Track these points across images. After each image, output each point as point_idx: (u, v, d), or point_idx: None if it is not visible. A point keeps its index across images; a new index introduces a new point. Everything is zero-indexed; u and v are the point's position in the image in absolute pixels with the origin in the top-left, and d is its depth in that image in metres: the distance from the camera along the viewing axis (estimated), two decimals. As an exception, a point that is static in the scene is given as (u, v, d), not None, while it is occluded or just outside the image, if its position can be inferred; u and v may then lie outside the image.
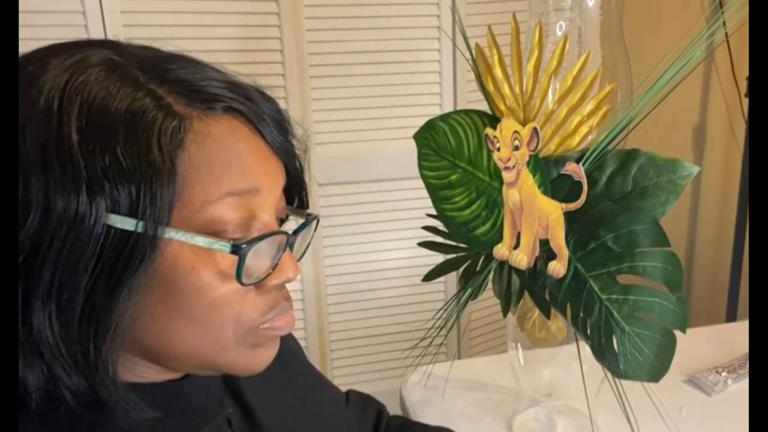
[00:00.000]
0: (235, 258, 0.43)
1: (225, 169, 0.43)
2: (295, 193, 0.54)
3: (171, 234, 0.41)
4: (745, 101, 2.02)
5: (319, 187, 1.65)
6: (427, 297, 1.77)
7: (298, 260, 0.51)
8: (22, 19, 1.29)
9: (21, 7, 1.28)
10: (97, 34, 1.38)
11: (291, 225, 0.51)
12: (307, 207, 0.55)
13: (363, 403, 0.77)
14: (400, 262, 1.75)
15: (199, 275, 0.43)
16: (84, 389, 0.42)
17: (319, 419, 0.66)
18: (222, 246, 0.42)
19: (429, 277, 0.74)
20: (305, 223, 0.50)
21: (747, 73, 1.92)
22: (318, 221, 0.53)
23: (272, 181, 0.47)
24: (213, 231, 0.43)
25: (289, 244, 0.47)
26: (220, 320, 0.45)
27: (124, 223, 0.40)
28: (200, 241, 0.42)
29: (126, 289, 0.40)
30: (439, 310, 0.75)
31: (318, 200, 1.66)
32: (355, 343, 1.79)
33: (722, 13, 0.57)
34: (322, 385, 0.71)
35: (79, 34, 1.38)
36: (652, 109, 0.57)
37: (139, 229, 0.40)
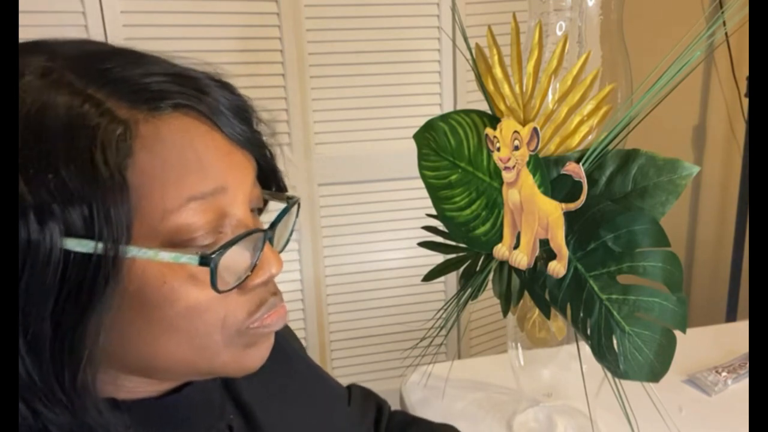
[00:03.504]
0: (187, 261, 0.40)
1: (183, 173, 0.40)
2: (271, 180, 0.50)
3: (134, 252, 0.38)
4: (745, 101, 2.02)
5: (319, 187, 1.65)
6: (427, 297, 1.77)
7: (283, 249, 0.48)
8: (22, 19, 1.29)
9: (21, 7, 1.28)
10: (97, 34, 1.38)
11: (274, 207, 0.48)
12: (286, 190, 0.51)
13: (364, 400, 0.76)
14: (400, 262, 1.75)
15: (172, 288, 0.40)
16: (69, 421, 0.39)
17: (322, 418, 0.65)
18: (189, 259, 0.39)
19: (429, 277, 0.74)
20: (284, 211, 0.47)
21: (747, 73, 1.92)
22: (299, 204, 0.49)
23: (238, 175, 0.43)
24: (181, 240, 0.40)
25: (268, 239, 0.44)
26: (205, 327, 0.42)
27: (82, 245, 0.37)
28: (166, 256, 0.39)
29: (94, 313, 0.38)
30: (439, 310, 0.75)
31: (318, 200, 1.66)
32: (355, 343, 1.79)
33: (722, 13, 0.57)
34: (324, 383, 0.70)
35: (79, 34, 1.38)
36: (652, 109, 0.57)
37: (99, 251, 0.37)
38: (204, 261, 0.40)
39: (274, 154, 0.49)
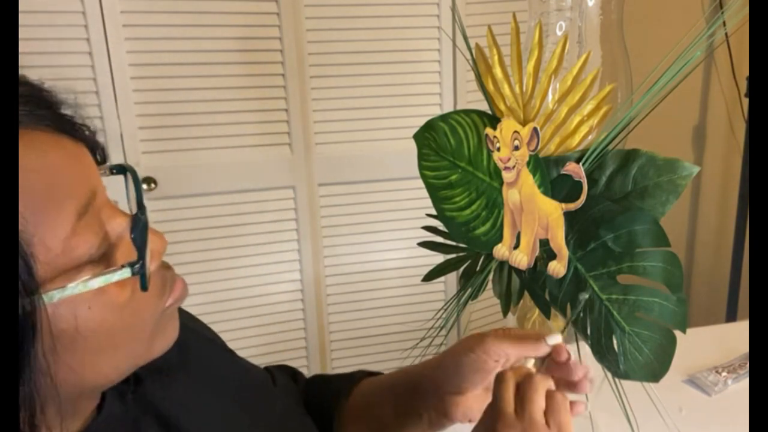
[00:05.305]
0: (121, 277, 0.39)
1: (57, 195, 0.37)
2: (98, 155, 0.45)
3: (56, 296, 0.37)
4: (745, 101, 2.02)
5: (319, 187, 1.65)
6: (427, 297, 1.77)
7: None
8: (22, 19, 1.29)
9: (21, 7, 1.28)
10: (97, 34, 1.38)
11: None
12: (108, 161, 0.47)
13: (283, 374, 0.75)
14: (400, 262, 1.75)
15: (99, 310, 0.39)
16: None
17: (252, 408, 0.64)
18: (122, 275, 0.39)
19: (429, 277, 0.74)
20: (137, 187, 0.44)
21: (747, 73, 1.92)
22: (134, 172, 0.45)
23: (92, 171, 0.41)
24: (89, 260, 0.38)
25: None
26: (138, 330, 0.43)
27: None
28: (95, 283, 0.38)
29: (33, 372, 0.36)
30: (439, 310, 0.75)
31: (318, 200, 1.66)
32: (355, 343, 1.79)
33: (722, 13, 0.57)
34: (248, 375, 0.68)
35: (79, 34, 1.38)
36: (652, 109, 0.57)
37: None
38: (136, 271, 0.39)
39: (90, 125, 0.44)
